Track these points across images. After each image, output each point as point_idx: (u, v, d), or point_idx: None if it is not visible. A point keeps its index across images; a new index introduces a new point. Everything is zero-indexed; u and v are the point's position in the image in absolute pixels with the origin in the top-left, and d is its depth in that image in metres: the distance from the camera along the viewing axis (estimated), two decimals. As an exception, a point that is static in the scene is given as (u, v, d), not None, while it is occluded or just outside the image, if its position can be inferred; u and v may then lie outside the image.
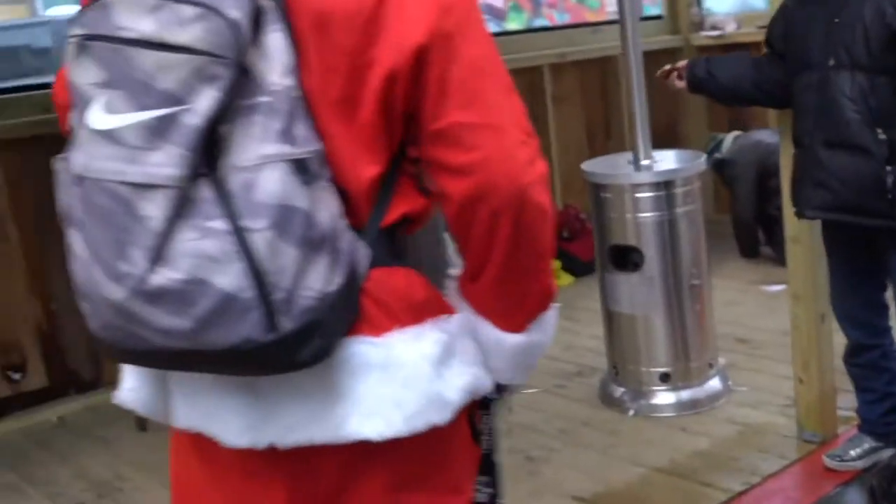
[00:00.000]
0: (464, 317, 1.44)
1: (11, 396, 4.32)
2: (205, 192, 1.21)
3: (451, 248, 1.52)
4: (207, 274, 1.20)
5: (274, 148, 1.23)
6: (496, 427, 1.56)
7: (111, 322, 1.25)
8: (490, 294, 1.43)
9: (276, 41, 1.27)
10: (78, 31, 1.26)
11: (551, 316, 1.49)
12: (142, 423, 3.92)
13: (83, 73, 1.26)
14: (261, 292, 1.20)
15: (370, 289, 1.35)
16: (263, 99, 1.24)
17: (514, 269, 1.40)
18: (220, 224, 1.20)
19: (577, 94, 6.01)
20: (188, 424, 1.42)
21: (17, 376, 4.31)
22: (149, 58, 1.21)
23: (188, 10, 1.21)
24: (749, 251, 5.63)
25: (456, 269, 1.48)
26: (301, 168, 1.24)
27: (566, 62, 5.92)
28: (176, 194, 1.20)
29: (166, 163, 1.19)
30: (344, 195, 1.33)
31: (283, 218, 1.21)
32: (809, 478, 3.30)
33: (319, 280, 1.24)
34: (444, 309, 1.43)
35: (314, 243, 1.24)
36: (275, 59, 1.26)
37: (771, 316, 4.51)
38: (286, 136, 1.24)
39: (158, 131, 1.20)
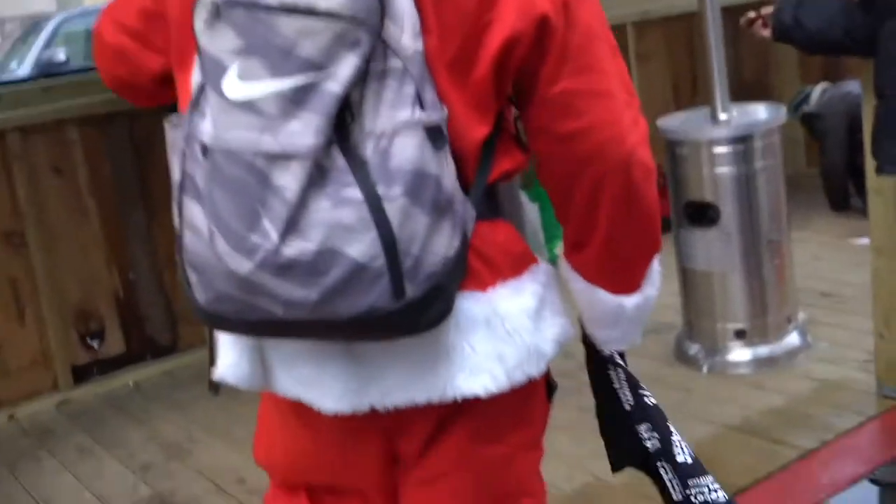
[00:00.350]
0: (549, 267, 1.44)
1: (90, 363, 4.38)
2: (338, 159, 1.18)
3: (525, 199, 1.52)
4: (340, 243, 1.17)
5: (407, 113, 1.20)
6: (634, 379, 1.60)
7: (228, 294, 1.23)
8: (601, 260, 1.43)
9: (404, 3, 1.23)
10: None
11: (656, 267, 1.49)
12: (215, 388, 3.94)
13: (218, 40, 1.21)
14: (391, 260, 1.18)
15: (476, 244, 1.35)
16: (395, 63, 1.21)
17: (623, 232, 1.40)
18: (354, 192, 1.17)
19: (661, 52, 5.83)
20: (288, 392, 1.42)
21: (95, 343, 4.38)
22: (292, 24, 1.17)
23: None
24: (839, 204, 5.44)
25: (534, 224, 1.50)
26: (434, 134, 1.22)
27: (650, 19, 5.75)
28: (311, 164, 1.17)
29: (304, 132, 1.16)
30: (455, 157, 1.30)
31: (418, 184, 1.19)
32: (886, 434, 3.17)
33: (443, 245, 1.23)
34: (533, 258, 1.43)
35: (442, 208, 1.23)
36: (405, 21, 1.23)
37: (857, 270, 4.32)
38: (419, 101, 1.21)
39: (296, 100, 1.17)
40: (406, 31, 1.22)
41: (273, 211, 1.17)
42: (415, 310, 1.22)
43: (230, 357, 1.44)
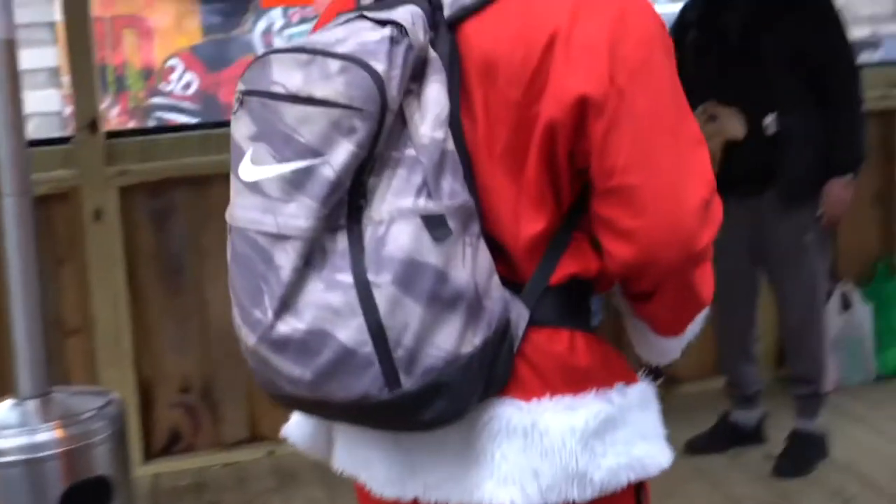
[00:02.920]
0: (645, 388, 1.39)
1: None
2: (340, 243, 1.22)
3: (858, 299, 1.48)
4: (330, 326, 1.20)
5: (410, 202, 1.22)
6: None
7: (252, 366, 1.29)
8: (650, 317, 1.43)
9: (434, 92, 1.26)
10: (241, 86, 1.30)
11: (702, 315, 1.47)
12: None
13: (239, 127, 1.29)
14: (380, 348, 1.19)
15: (526, 351, 1.32)
16: (410, 152, 1.24)
17: (677, 308, 1.40)
18: (345, 276, 1.20)
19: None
20: (344, 467, 1.43)
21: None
22: (293, 111, 1.23)
23: (334, 64, 1.22)
24: None
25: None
26: (437, 223, 1.22)
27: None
28: (306, 245, 1.21)
29: (298, 214, 1.21)
30: (502, 250, 1.31)
31: (410, 273, 1.20)
32: None
33: (450, 340, 1.21)
34: (621, 376, 1.37)
35: (445, 301, 1.21)
36: (429, 110, 1.25)
37: None
38: (427, 189, 1.22)
39: (295, 183, 1.22)
40: (427, 121, 1.24)
41: (271, 289, 1.22)
42: (412, 403, 1.21)
43: (297, 415, 1.49)
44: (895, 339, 4.15)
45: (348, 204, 1.23)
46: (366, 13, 1.28)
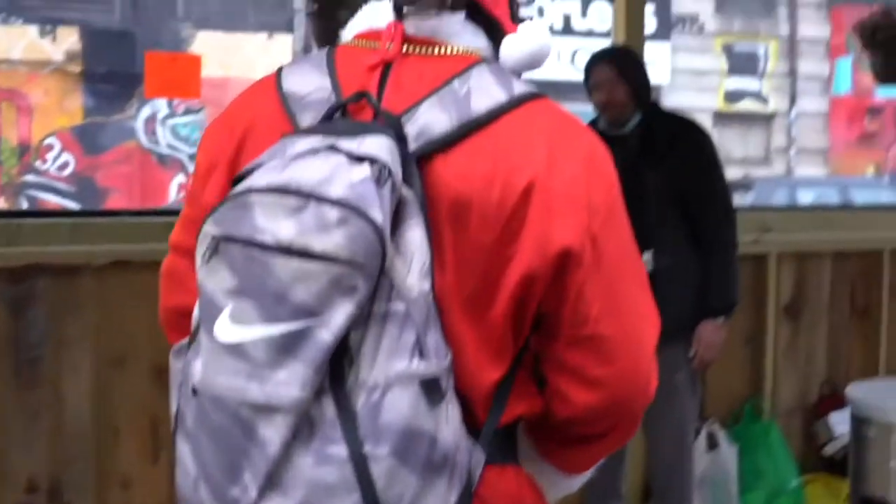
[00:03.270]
0: None
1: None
2: (328, 410, 1.12)
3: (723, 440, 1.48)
4: (321, 503, 1.10)
5: (405, 364, 1.13)
6: None
7: None
8: (567, 456, 1.38)
9: (415, 237, 1.17)
10: (213, 229, 1.16)
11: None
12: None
13: (214, 277, 1.16)
14: None
15: (483, 493, 1.25)
16: (398, 306, 1.14)
17: (605, 446, 1.37)
18: (339, 450, 1.11)
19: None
20: None
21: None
22: (286, 266, 1.11)
23: (332, 213, 1.11)
24: None
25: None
26: (432, 387, 1.15)
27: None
28: (296, 418, 1.11)
29: (290, 383, 1.10)
30: (464, 400, 1.23)
31: (408, 443, 1.13)
32: None
33: (436, 503, 1.15)
34: None
35: (436, 466, 1.15)
36: (414, 258, 1.16)
37: None
38: (419, 349, 1.14)
39: (286, 347, 1.11)
40: (413, 271, 1.15)
41: (254, 465, 1.12)
42: None
43: None
44: (760, 482, 4.17)
45: (330, 364, 1.12)
46: (337, 144, 1.17)
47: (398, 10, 1.30)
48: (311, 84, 1.30)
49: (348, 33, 1.36)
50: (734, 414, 4.34)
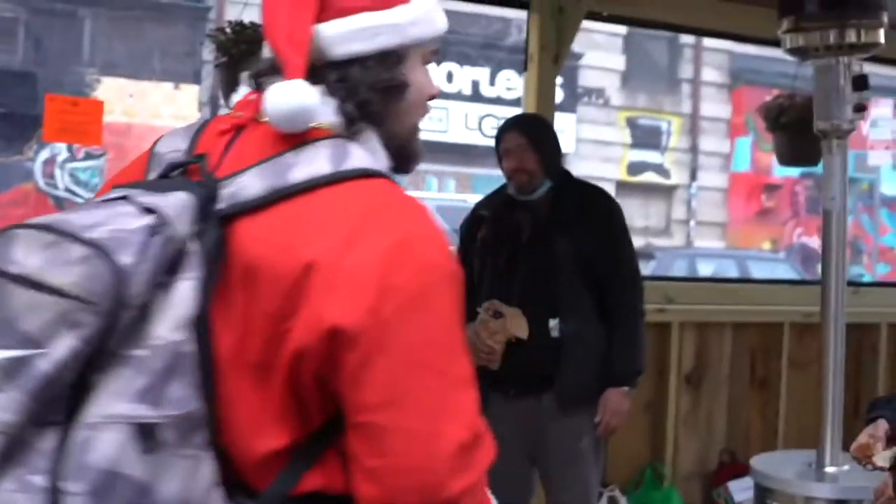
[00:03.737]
0: None
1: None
2: (47, 442, 1.15)
3: None
4: None
5: (125, 408, 1.15)
6: None
7: None
8: None
9: (183, 290, 1.19)
10: None
11: None
12: None
13: None
14: None
15: None
16: (139, 352, 1.17)
17: None
18: (39, 480, 1.13)
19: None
20: None
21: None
22: (21, 296, 1.15)
23: (76, 251, 1.16)
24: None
25: None
26: (147, 434, 1.14)
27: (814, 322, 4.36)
28: (7, 440, 1.13)
29: (5, 407, 1.13)
30: (232, 463, 1.24)
31: (107, 486, 1.13)
32: None
33: None
34: None
35: None
36: (172, 309, 1.18)
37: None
38: (147, 395, 1.16)
39: (9, 372, 1.14)
40: (166, 321, 1.17)
41: None
42: None
43: None
44: (660, 548, 4.16)
45: (69, 400, 1.15)
46: (131, 195, 1.22)
47: (256, 80, 1.37)
48: (172, 145, 1.39)
49: (234, 101, 1.42)
50: (634, 480, 4.36)
